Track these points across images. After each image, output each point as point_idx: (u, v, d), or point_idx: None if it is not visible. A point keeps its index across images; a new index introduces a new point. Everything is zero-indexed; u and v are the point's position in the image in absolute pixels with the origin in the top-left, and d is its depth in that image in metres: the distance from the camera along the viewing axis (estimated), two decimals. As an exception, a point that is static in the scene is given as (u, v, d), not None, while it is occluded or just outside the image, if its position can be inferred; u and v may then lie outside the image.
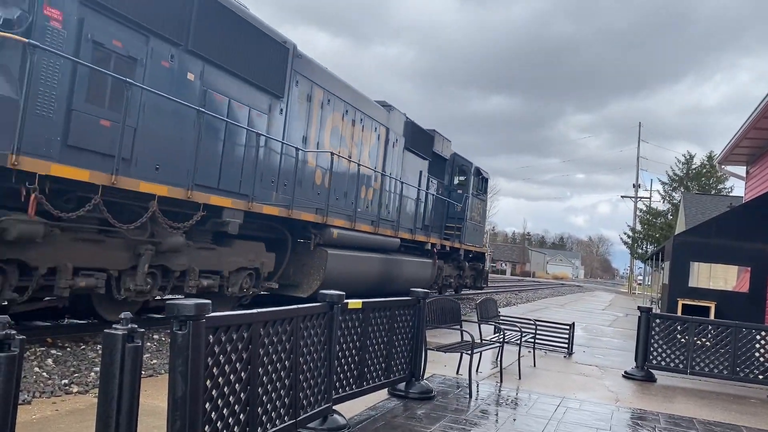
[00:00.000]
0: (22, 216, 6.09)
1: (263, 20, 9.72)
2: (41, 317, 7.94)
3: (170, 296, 9.00)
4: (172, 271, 8.26)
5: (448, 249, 18.18)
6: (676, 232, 28.64)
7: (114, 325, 2.84)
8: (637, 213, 55.55)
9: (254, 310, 3.74)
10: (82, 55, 6.70)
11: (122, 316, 2.88)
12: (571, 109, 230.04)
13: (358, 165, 12.81)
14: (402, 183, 15.05)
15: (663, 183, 52.13)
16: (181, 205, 8.02)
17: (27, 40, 5.93)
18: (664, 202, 52.69)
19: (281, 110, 10.31)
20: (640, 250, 52.83)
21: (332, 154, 11.54)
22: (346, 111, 12.54)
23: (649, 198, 55.42)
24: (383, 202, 14.26)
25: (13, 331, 2.49)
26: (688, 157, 51.02)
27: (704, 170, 49.03)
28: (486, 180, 21.49)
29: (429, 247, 16.64)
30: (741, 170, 17.35)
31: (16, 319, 7.60)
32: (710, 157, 47.35)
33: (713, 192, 45.42)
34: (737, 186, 56.08)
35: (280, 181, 10.23)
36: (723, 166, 18.03)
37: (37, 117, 6.25)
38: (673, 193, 50.84)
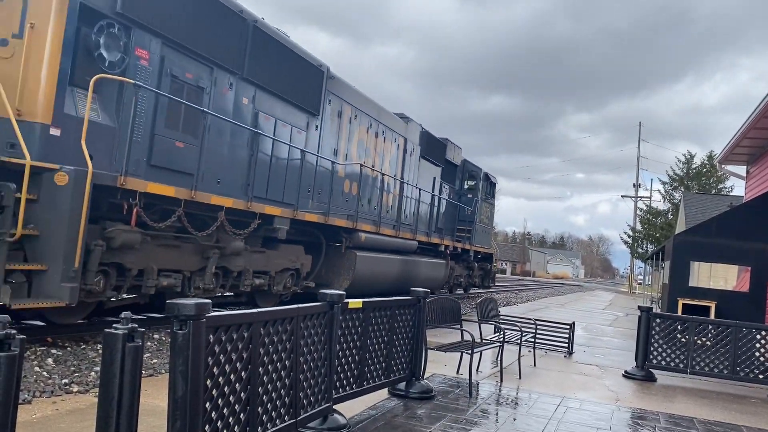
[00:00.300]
0: (125, 227, 7.28)
1: (302, 45, 10.86)
2: (41, 317, 7.95)
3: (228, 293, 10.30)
4: (231, 271, 9.42)
5: (459, 250, 19.20)
6: (677, 232, 28.63)
7: (114, 325, 2.85)
8: (638, 212, 55.55)
9: (254, 310, 3.74)
10: (162, 86, 7.89)
11: (122, 315, 2.88)
12: (571, 109, 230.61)
13: (382, 174, 14.08)
14: (419, 189, 16.17)
15: (663, 183, 52.11)
16: (239, 214, 9.12)
17: (134, 82, 7.18)
18: (664, 201, 52.69)
19: (317, 127, 11.53)
20: (640, 250, 52.82)
21: (361, 166, 12.92)
22: (370, 124, 13.73)
23: (650, 197, 55.44)
24: (402, 207, 15.41)
25: (14, 331, 2.49)
26: (689, 156, 50.98)
27: (704, 170, 48.98)
28: (494, 184, 22.65)
29: (442, 248, 17.66)
30: (741, 170, 17.34)
31: (103, 314, 8.63)
32: (710, 157, 47.32)
33: (713, 191, 45.40)
34: (737, 185, 56.09)
35: (315, 190, 11.45)
36: (723, 166, 18.01)
37: (134, 144, 7.41)
38: (674, 193, 50.80)
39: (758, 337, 8.65)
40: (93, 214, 6.72)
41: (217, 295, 9.54)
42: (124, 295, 7.94)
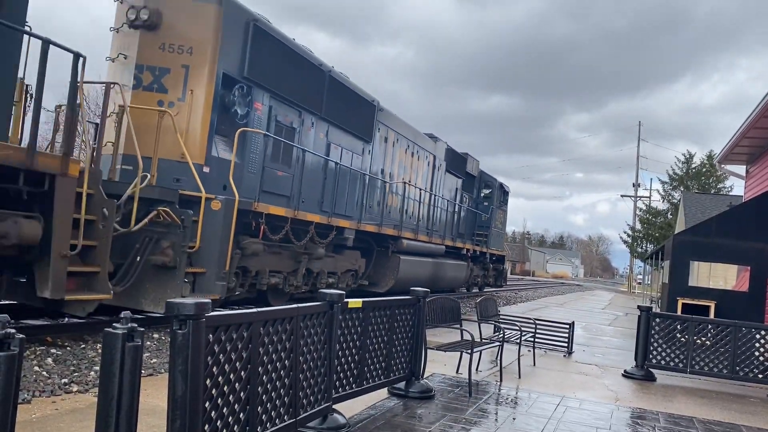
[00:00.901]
0: (254, 239, 9.66)
1: (359, 85, 13.28)
2: (41, 316, 7.95)
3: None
4: (313, 272, 11.82)
5: (477, 253, 21.97)
6: (676, 231, 28.63)
7: (114, 324, 2.85)
8: (637, 212, 55.53)
9: (254, 309, 3.74)
10: (269, 130, 10.22)
11: (122, 315, 2.87)
12: (571, 109, 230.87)
13: (418, 189, 16.67)
14: (447, 200, 19.07)
15: (663, 182, 52.09)
16: (321, 226, 11.55)
17: (264, 132, 9.91)
18: (663, 201, 52.67)
19: (369, 151, 14.02)
20: (639, 249, 52.81)
21: (405, 184, 15.71)
22: (408, 146, 16.27)
23: (649, 197, 55.41)
24: (432, 215, 17.90)
25: (13, 330, 2.48)
26: (688, 156, 50.96)
27: (704, 169, 48.95)
28: (507, 193, 25.45)
29: (464, 251, 20.49)
30: (741, 169, 17.35)
31: (227, 305, 10.24)
32: (710, 157, 47.31)
33: (713, 191, 45.38)
34: (737, 185, 56.10)
35: (367, 204, 13.89)
36: (723, 166, 18.02)
37: (252, 175, 9.82)
38: (673, 193, 50.79)
39: (758, 336, 8.65)
40: None
41: (302, 290, 11.84)
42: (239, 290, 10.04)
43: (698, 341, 8.79)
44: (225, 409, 3.30)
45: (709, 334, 8.84)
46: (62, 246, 6.35)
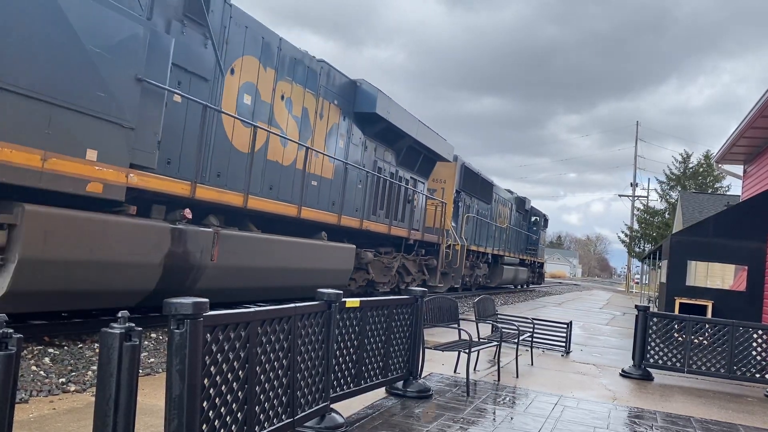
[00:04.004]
0: (467, 260, 21.27)
1: (485, 173, 24.69)
2: (39, 317, 7.93)
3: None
4: (480, 276, 23.84)
5: (530, 261, 34.44)
6: (674, 231, 28.65)
7: (111, 324, 2.84)
8: (634, 212, 55.56)
9: (251, 309, 3.74)
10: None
11: (119, 314, 2.87)
12: (561, 110, 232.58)
13: (509, 227, 28.34)
14: (518, 230, 30.92)
15: (660, 182, 52.17)
16: (483, 253, 24.28)
17: (473, 215, 22.97)
18: (661, 201, 52.74)
19: (490, 209, 25.05)
20: (637, 249, 52.86)
21: (507, 226, 27.90)
22: (503, 201, 27.39)
23: (647, 197, 55.46)
24: (512, 239, 29.49)
25: (11, 330, 2.48)
26: (685, 155, 51.04)
27: (701, 169, 49.03)
28: (547, 220, 38.59)
29: (527, 261, 33.27)
30: (738, 169, 17.37)
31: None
32: (707, 156, 47.40)
33: (710, 191, 45.42)
34: (734, 185, 56.19)
35: (493, 238, 25.55)
36: (720, 165, 18.05)
37: (475, 236, 23.06)
38: (670, 192, 50.85)
39: (755, 336, 8.66)
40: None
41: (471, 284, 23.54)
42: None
43: (696, 341, 8.80)
44: (222, 408, 3.30)
45: (707, 334, 8.85)
46: (441, 266, 16.87)
